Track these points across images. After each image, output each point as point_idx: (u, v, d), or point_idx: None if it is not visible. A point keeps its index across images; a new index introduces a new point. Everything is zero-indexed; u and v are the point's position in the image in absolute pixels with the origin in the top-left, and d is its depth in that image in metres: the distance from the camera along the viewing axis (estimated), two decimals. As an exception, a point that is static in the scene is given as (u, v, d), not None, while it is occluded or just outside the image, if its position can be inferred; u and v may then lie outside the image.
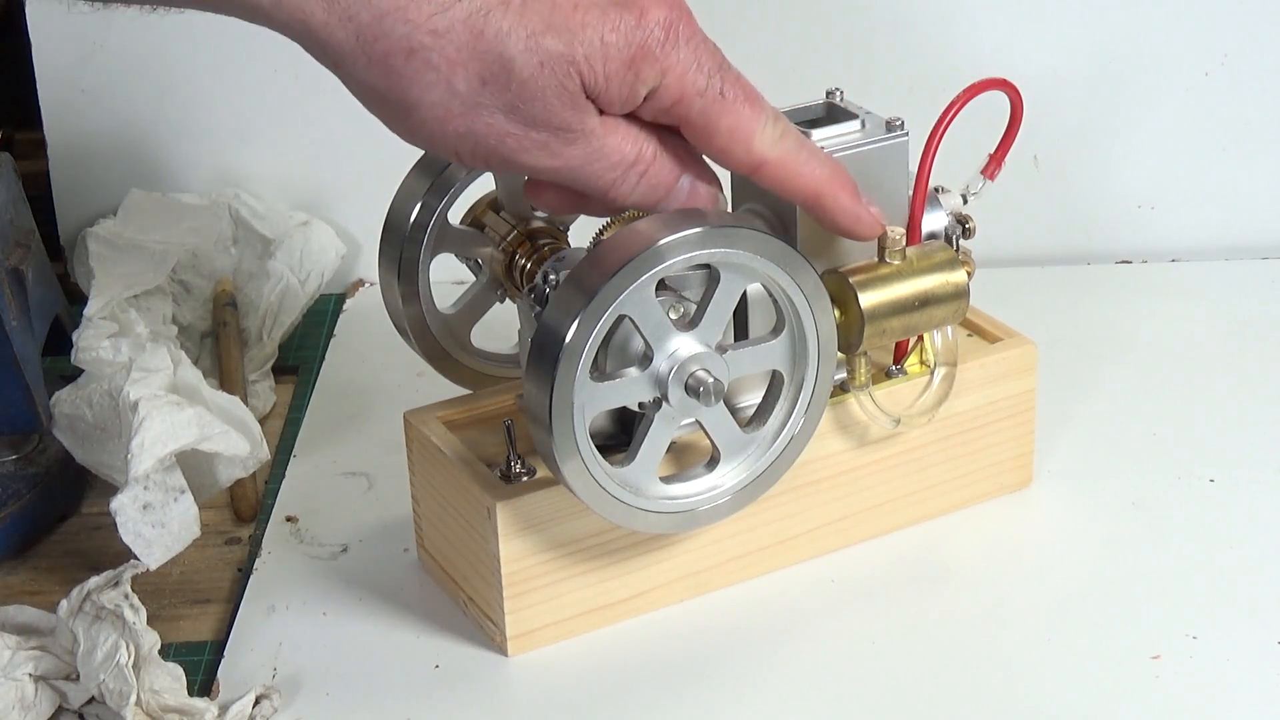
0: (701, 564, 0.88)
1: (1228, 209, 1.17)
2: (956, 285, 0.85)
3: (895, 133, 0.86)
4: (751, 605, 0.88)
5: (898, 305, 0.84)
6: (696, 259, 0.78)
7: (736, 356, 0.81)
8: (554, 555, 0.84)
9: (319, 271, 1.14)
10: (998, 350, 0.91)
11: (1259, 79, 1.15)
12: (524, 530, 0.83)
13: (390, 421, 1.01)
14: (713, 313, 0.80)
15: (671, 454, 0.84)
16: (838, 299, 0.84)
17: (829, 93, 0.87)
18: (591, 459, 0.79)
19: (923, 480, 0.91)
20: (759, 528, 0.88)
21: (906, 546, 0.91)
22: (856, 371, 0.86)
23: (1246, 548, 0.90)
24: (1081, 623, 0.85)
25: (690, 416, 0.81)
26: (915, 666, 0.83)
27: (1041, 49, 1.14)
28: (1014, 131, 0.88)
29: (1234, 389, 1.03)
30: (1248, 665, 0.82)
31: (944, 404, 0.88)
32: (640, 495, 0.81)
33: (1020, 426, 0.93)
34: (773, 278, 0.80)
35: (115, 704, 0.79)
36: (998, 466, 0.93)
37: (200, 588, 0.92)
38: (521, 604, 0.84)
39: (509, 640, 0.85)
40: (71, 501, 0.98)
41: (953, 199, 0.89)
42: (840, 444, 0.89)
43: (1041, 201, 1.16)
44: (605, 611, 0.86)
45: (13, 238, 0.98)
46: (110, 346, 0.95)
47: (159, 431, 0.87)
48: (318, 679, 0.84)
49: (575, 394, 0.78)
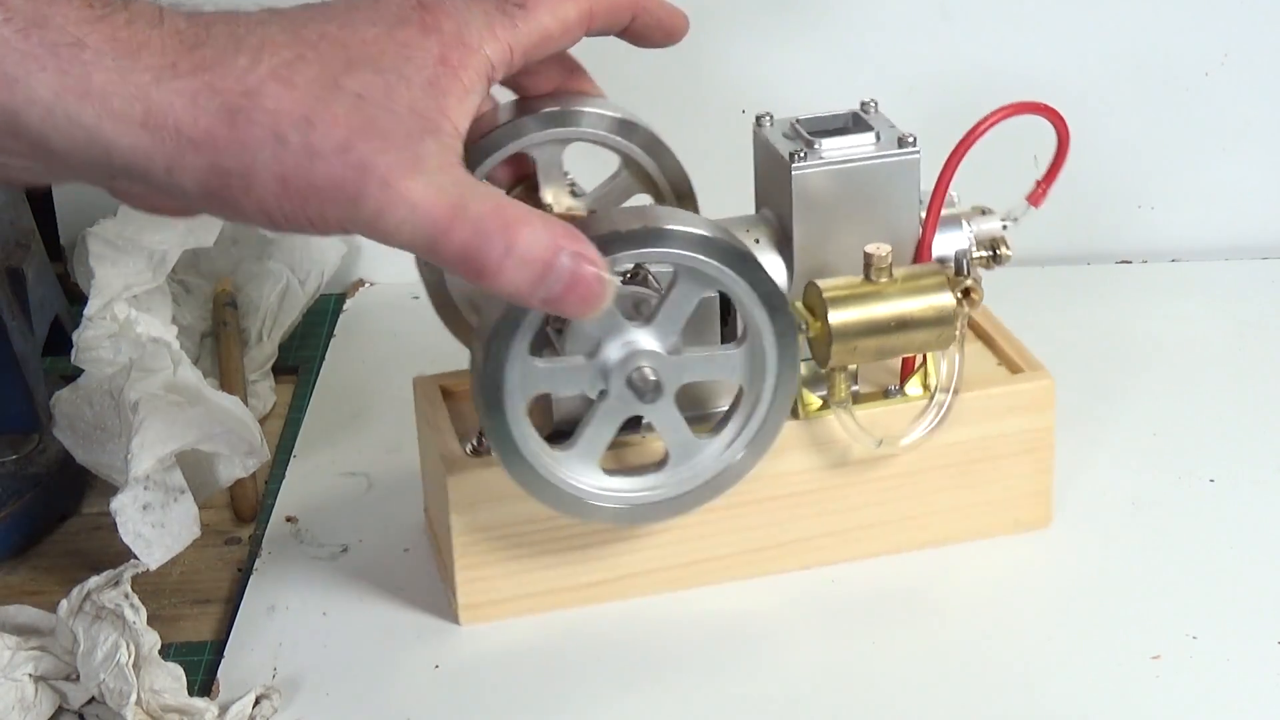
0: (668, 561, 0.87)
1: (1228, 209, 1.17)
2: (940, 311, 0.83)
3: (905, 149, 0.84)
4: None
5: (872, 325, 0.83)
6: (645, 257, 0.78)
7: (690, 361, 0.81)
8: (508, 533, 0.85)
9: (319, 271, 1.14)
10: (1010, 382, 0.89)
11: (1259, 79, 1.15)
12: (477, 504, 0.84)
13: (390, 421, 1.02)
14: (667, 312, 0.80)
15: (640, 450, 0.84)
16: (814, 312, 0.83)
17: (863, 104, 0.87)
18: (525, 438, 0.80)
19: (921, 506, 0.89)
20: (730, 534, 0.88)
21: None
22: (836, 387, 0.85)
23: (1246, 548, 0.90)
24: (1081, 622, 0.85)
25: (633, 412, 0.81)
26: (914, 666, 0.83)
27: (1041, 49, 1.14)
28: (1061, 160, 0.86)
29: (1234, 389, 1.03)
30: (1248, 665, 0.82)
31: (937, 431, 0.86)
32: (578, 483, 0.82)
33: (1036, 464, 0.90)
34: (729, 286, 0.79)
35: (115, 704, 0.79)
36: (1011, 502, 0.90)
37: (200, 588, 0.92)
38: (473, 575, 0.86)
39: (460, 609, 0.86)
40: (71, 501, 0.98)
41: (990, 223, 0.88)
42: (816, 460, 0.87)
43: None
44: (564, 594, 0.87)
45: (13, 238, 0.98)
46: (110, 346, 0.96)
47: (159, 431, 0.87)
48: (318, 679, 0.84)
49: (508, 370, 0.78)
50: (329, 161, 0.68)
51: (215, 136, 0.68)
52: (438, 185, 0.69)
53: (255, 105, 0.68)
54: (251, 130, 0.68)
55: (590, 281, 0.71)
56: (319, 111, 0.68)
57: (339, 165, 0.68)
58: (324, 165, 0.68)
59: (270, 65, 0.69)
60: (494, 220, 0.69)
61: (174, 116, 0.68)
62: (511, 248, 0.69)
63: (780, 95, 1.12)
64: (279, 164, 0.68)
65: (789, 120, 0.87)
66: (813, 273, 0.85)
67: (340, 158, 0.68)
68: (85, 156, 0.69)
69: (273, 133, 0.68)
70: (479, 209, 0.69)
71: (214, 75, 0.68)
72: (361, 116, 0.69)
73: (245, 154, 0.68)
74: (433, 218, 0.68)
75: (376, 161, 0.68)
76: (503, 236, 0.69)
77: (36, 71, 0.67)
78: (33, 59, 0.67)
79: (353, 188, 0.68)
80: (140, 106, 0.68)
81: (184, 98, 0.68)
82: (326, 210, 0.69)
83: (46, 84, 0.67)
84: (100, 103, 0.68)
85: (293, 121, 0.68)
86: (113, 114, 0.68)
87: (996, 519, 0.90)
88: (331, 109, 0.69)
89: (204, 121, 0.68)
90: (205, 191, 0.69)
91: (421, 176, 0.68)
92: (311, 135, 0.68)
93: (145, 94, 0.68)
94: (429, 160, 0.69)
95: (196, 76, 0.68)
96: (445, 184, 0.69)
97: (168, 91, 0.68)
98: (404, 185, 0.68)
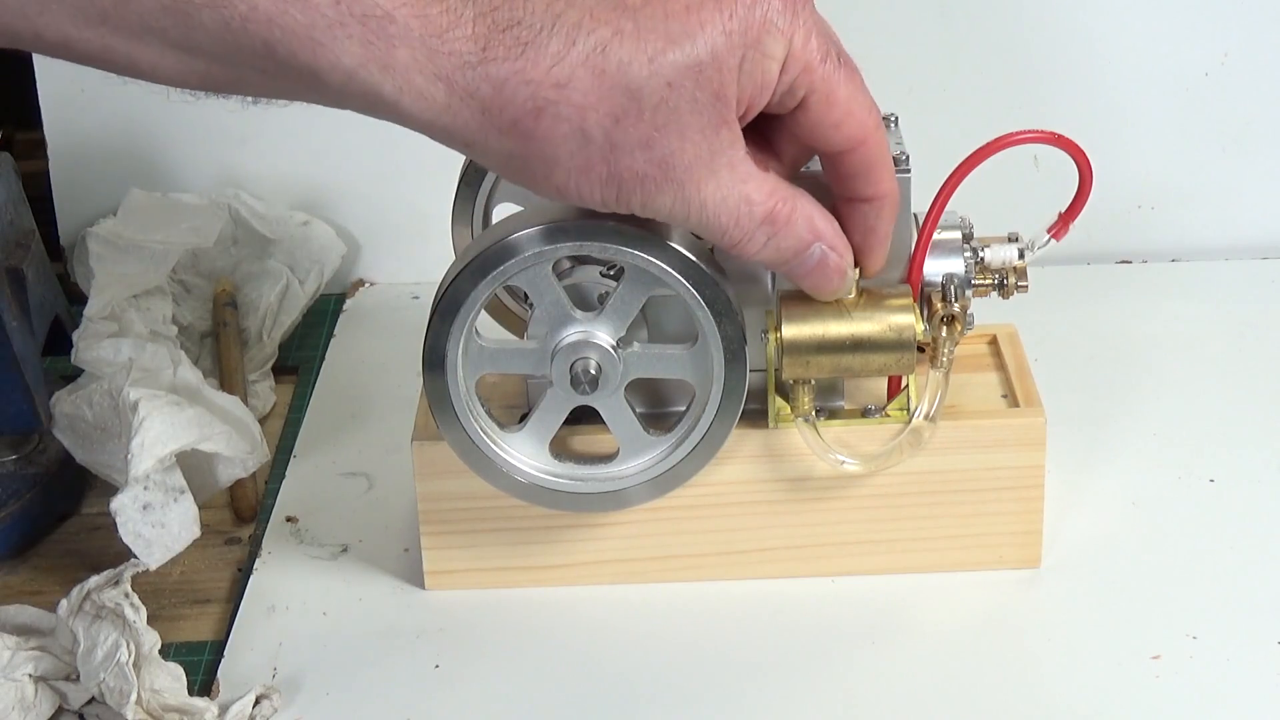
0: (630, 554, 0.88)
1: (1228, 209, 1.17)
2: (900, 335, 0.82)
3: (898, 168, 0.82)
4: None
5: (826, 342, 0.82)
6: (586, 250, 0.79)
7: (639, 357, 0.82)
8: (472, 505, 0.86)
9: (319, 271, 1.14)
10: (1000, 416, 0.88)
11: (1259, 79, 1.15)
12: (441, 474, 0.86)
13: (390, 421, 1.02)
14: (615, 306, 0.81)
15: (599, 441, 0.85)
16: (776, 323, 0.83)
17: (884, 117, 0.86)
18: (470, 414, 0.82)
19: (898, 530, 0.87)
20: (694, 534, 0.88)
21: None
22: (798, 400, 0.84)
23: (1246, 548, 0.90)
24: (1081, 622, 0.85)
25: (576, 403, 0.82)
26: (912, 666, 0.83)
27: (1041, 48, 1.14)
28: (1084, 195, 0.84)
29: (1234, 389, 1.03)
30: (1248, 665, 0.82)
31: (912, 457, 0.85)
32: (520, 464, 0.83)
33: (1024, 502, 0.87)
34: (674, 287, 0.79)
35: (115, 703, 0.79)
36: (997, 537, 0.88)
37: (200, 588, 0.92)
38: (438, 543, 0.88)
39: (426, 575, 0.88)
40: (71, 501, 0.98)
41: (1006, 251, 0.86)
42: (785, 470, 0.86)
43: (1041, 201, 1.16)
44: (529, 573, 0.88)
45: (13, 238, 0.98)
46: (110, 346, 0.96)
47: (159, 431, 0.87)
48: (318, 679, 0.84)
49: (449, 346, 0.80)
50: (632, 156, 0.71)
51: (522, 128, 0.70)
52: (725, 190, 0.73)
53: (564, 99, 0.70)
54: (558, 126, 0.70)
55: (830, 270, 0.78)
56: (626, 106, 0.70)
57: (641, 161, 0.71)
58: (627, 160, 0.71)
59: (584, 49, 0.70)
60: (783, 218, 0.75)
61: (480, 102, 0.70)
62: (774, 236, 0.76)
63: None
64: (583, 156, 0.71)
65: None
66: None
67: (643, 153, 0.71)
68: (378, 115, 0.71)
69: (579, 128, 0.70)
70: (763, 209, 0.75)
71: (525, 62, 0.70)
72: (666, 111, 0.71)
73: (549, 146, 0.71)
74: (720, 223, 0.74)
75: (675, 161, 0.72)
76: (768, 228, 0.75)
77: (343, 39, 0.68)
78: (339, 26, 0.68)
79: (651, 184, 0.72)
80: (443, 87, 0.69)
81: (491, 85, 0.69)
82: (622, 197, 0.73)
83: (351, 52, 0.69)
84: (402, 78, 0.69)
85: (599, 119, 0.70)
86: (414, 90, 0.70)
87: (981, 554, 0.88)
88: (639, 101, 0.70)
89: (511, 112, 0.70)
90: (505, 168, 0.73)
91: (712, 180, 0.73)
92: (615, 131, 0.71)
93: (450, 76, 0.69)
94: (720, 158, 0.73)
95: (507, 62, 0.69)
96: (730, 187, 0.74)
97: (475, 76, 0.69)
98: (696, 188, 0.73)
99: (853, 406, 0.88)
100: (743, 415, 0.83)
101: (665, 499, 0.85)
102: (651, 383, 0.85)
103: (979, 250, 0.86)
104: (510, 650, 0.86)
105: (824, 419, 0.86)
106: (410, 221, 1.17)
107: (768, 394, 0.85)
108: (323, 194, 1.18)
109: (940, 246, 0.85)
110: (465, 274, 0.79)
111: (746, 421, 0.84)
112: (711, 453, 0.83)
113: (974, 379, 0.91)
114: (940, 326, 0.84)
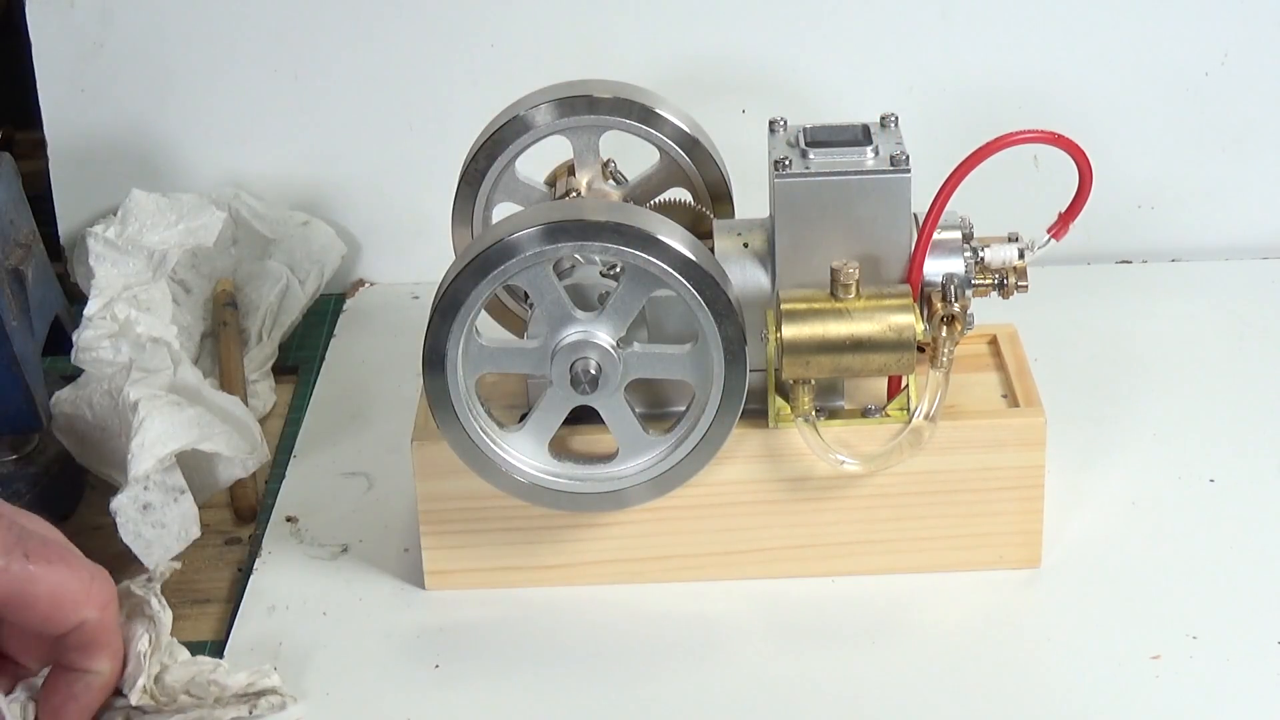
0: (630, 554, 0.88)
1: (1228, 209, 1.17)
2: (900, 335, 0.82)
3: (896, 169, 0.83)
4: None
5: (826, 343, 0.82)
6: (587, 250, 0.79)
7: (638, 357, 0.82)
8: (472, 505, 0.86)
9: (319, 271, 1.14)
10: (1000, 416, 0.88)
11: (1259, 79, 1.15)
12: (441, 474, 0.86)
13: (390, 421, 1.02)
14: (615, 306, 0.81)
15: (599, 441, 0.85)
16: (776, 323, 0.83)
17: (883, 117, 0.86)
18: (469, 414, 0.82)
19: (899, 530, 0.88)
20: (694, 534, 0.88)
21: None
22: (798, 399, 0.84)
23: (1246, 548, 0.90)
24: (1081, 622, 0.85)
25: (576, 402, 0.82)
26: (912, 666, 0.83)
27: (1041, 48, 1.14)
28: (1084, 195, 0.85)
29: (1234, 389, 1.03)
30: (1248, 665, 0.82)
31: (913, 457, 0.85)
32: (519, 463, 0.83)
33: (1024, 502, 0.87)
34: (675, 288, 0.80)
35: (125, 687, 0.79)
36: (997, 537, 0.88)
37: (200, 588, 0.92)
38: (438, 543, 0.88)
39: (426, 575, 0.88)
40: (71, 501, 0.98)
41: (1006, 251, 0.86)
42: (786, 470, 0.86)
43: (1041, 201, 1.16)
44: (529, 573, 0.88)
45: (13, 238, 0.98)
46: (110, 346, 0.96)
47: (159, 431, 0.87)
48: (318, 679, 0.84)
49: (449, 346, 0.80)
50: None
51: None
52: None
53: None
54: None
55: None
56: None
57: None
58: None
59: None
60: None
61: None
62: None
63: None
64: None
65: (800, 127, 0.86)
66: (796, 282, 0.85)
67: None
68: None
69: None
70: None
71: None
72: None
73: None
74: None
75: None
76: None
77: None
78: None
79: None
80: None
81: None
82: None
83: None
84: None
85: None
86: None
87: (981, 554, 0.88)
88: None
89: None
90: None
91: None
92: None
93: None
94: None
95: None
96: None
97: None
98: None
99: (853, 406, 0.88)
100: (743, 415, 0.83)
101: (665, 499, 0.85)
102: (651, 383, 0.86)
103: (979, 250, 0.86)
104: (510, 650, 0.86)
105: (824, 419, 0.86)
106: (410, 221, 1.17)
107: (768, 394, 0.85)
108: (323, 194, 1.18)
109: (940, 246, 0.85)
110: (465, 274, 0.79)
111: (746, 421, 0.84)
112: (711, 453, 0.83)
113: (974, 379, 0.91)
114: (940, 326, 0.84)
